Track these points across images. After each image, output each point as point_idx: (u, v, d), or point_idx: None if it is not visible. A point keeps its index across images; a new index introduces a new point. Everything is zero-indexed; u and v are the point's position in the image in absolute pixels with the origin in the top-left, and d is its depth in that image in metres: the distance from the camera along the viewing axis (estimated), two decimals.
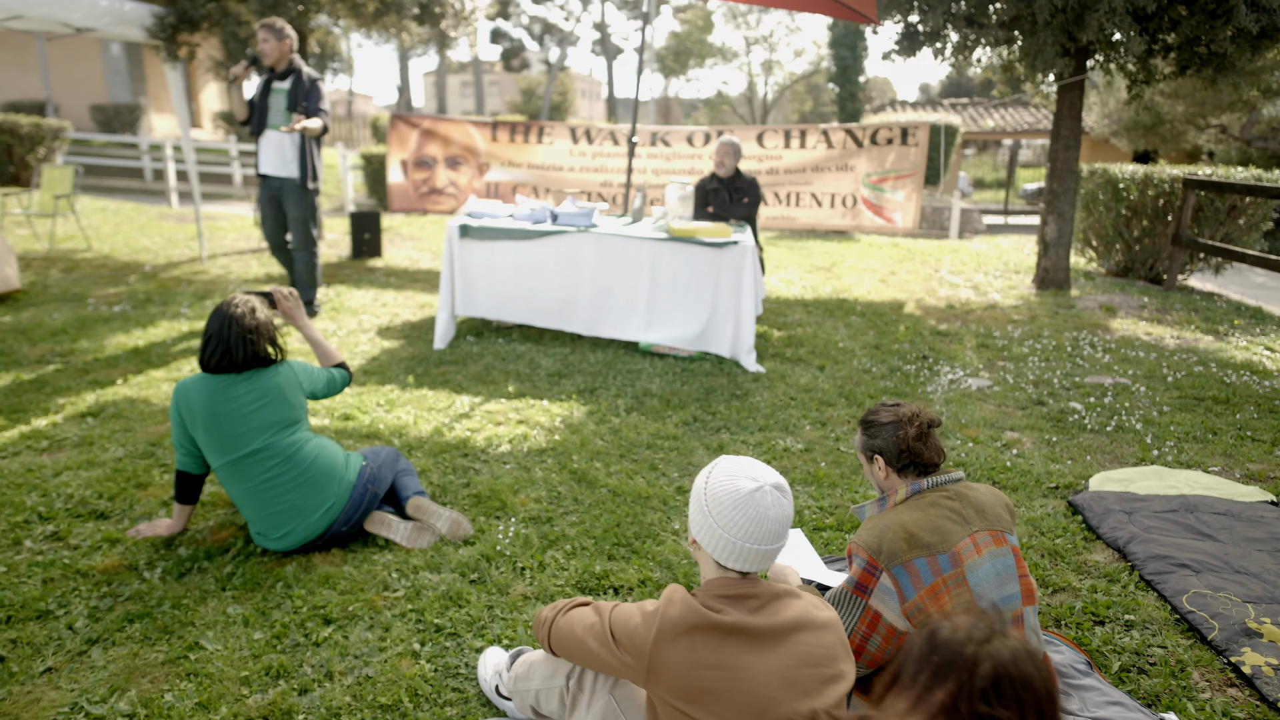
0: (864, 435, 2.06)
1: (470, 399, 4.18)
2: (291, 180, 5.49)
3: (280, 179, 5.50)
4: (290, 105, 5.34)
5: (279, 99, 5.39)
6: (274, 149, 5.45)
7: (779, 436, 3.88)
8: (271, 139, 5.44)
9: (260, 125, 5.42)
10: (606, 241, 5.04)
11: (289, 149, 5.45)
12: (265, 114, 5.41)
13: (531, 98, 47.28)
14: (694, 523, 1.57)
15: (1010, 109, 26.40)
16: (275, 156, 5.46)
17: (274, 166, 5.48)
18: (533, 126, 8.09)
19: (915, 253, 10.04)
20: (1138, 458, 3.80)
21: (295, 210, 5.54)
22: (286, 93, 5.38)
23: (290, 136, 5.39)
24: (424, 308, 6.16)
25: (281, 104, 5.38)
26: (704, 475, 1.59)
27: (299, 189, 5.50)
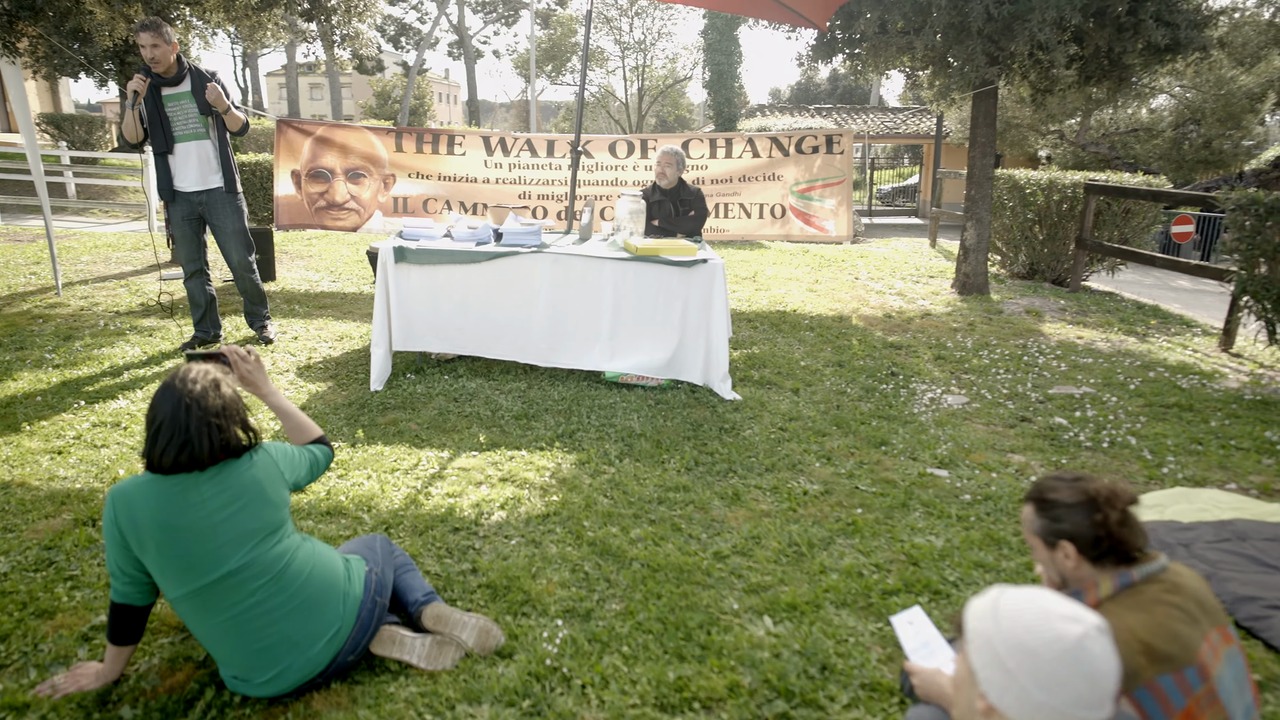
0: (1042, 517, 1.73)
1: (436, 454, 3.60)
2: (218, 191, 4.90)
3: (204, 193, 4.87)
4: (203, 109, 4.74)
5: (182, 105, 4.74)
6: (194, 162, 4.82)
7: (790, 477, 3.54)
8: (189, 152, 4.80)
9: (167, 140, 4.74)
10: (563, 263, 4.55)
11: (211, 158, 4.85)
12: (168, 126, 4.73)
13: (387, 101, 45.41)
14: (990, 682, 1.17)
15: (860, 114, 27.53)
16: (197, 169, 4.83)
17: (196, 180, 4.85)
18: (442, 135, 7.45)
19: (827, 259, 10.05)
20: (1145, 475, 3.73)
21: (232, 222, 4.97)
22: (190, 96, 4.74)
23: (210, 144, 4.79)
24: (343, 340, 5.44)
25: (189, 110, 4.75)
26: (988, 613, 1.20)
27: (229, 198, 4.92)
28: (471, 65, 48.11)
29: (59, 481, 3.20)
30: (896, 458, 3.83)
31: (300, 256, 8.81)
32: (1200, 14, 6.48)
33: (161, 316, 5.86)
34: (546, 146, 7.52)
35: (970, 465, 3.77)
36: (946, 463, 3.80)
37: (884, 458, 3.83)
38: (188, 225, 4.94)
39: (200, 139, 4.82)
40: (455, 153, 7.46)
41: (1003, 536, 3.06)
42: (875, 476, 3.60)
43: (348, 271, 8.10)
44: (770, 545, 2.94)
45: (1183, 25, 6.30)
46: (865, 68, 7.81)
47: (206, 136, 4.82)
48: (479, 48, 51.66)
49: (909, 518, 3.22)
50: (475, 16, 50.41)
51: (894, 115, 28.17)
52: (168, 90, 4.72)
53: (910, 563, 2.87)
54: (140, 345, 5.08)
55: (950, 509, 3.29)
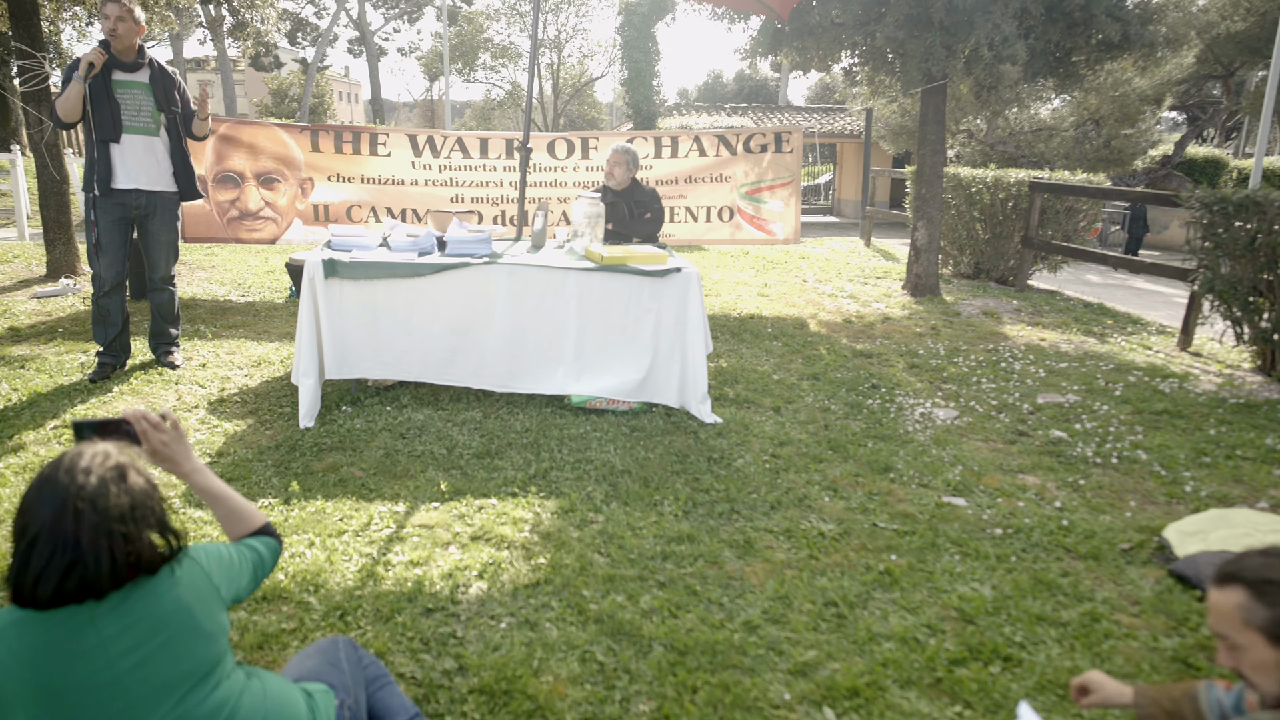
0: (1262, 602, 1.34)
1: (390, 507, 3.03)
2: (167, 195, 4.39)
3: (148, 195, 4.32)
4: (160, 105, 4.27)
5: (136, 95, 4.21)
6: (140, 159, 4.26)
7: (800, 516, 3.14)
8: (136, 146, 4.24)
9: (115, 127, 4.14)
10: (520, 274, 4.03)
11: (161, 157, 4.33)
12: (117, 113, 4.14)
13: (284, 99, 43.36)
14: None
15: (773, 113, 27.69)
16: (146, 167, 4.28)
17: (146, 179, 4.29)
18: (363, 134, 6.78)
19: (771, 261, 9.77)
20: (1166, 494, 3.49)
21: (170, 231, 4.50)
22: (148, 88, 4.24)
23: (161, 142, 4.34)
24: (261, 365, 4.75)
25: (143, 102, 4.23)
26: None
27: (175, 205, 4.45)
28: (374, 63, 46.41)
29: None
30: (907, 485, 3.48)
31: (202, 268, 7.92)
32: (1146, 10, 6.43)
33: (40, 343, 5.03)
34: (480, 145, 6.94)
35: (986, 491, 3.45)
36: (961, 489, 3.46)
37: (893, 486, 3.47)
38: (118, 230, 4.32)
39: (150, 134, 4.31)
40: (379, 153, 6.79)
41: (1050, 579, 2.73)
42: (891, 510, 3.23)
43: (258, 282, 7.30)
44: (803, 607, 2.52)
45: (1132, 21, 6.23)
46: (810, 62, 7.52)
47: (157, 133, 4.33)
48: (381, 45, 49.93)
49: (943, 560, 2.85)
50: (376, 12, 48.72)
51: (806, 115, 28.45)
52: (121, 75, 4.18)
53: (964, 620, 2.49)
54: (9, 380, 4.28)
55: (984, 546, 2.94)
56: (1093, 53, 6.37)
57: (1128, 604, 2.62)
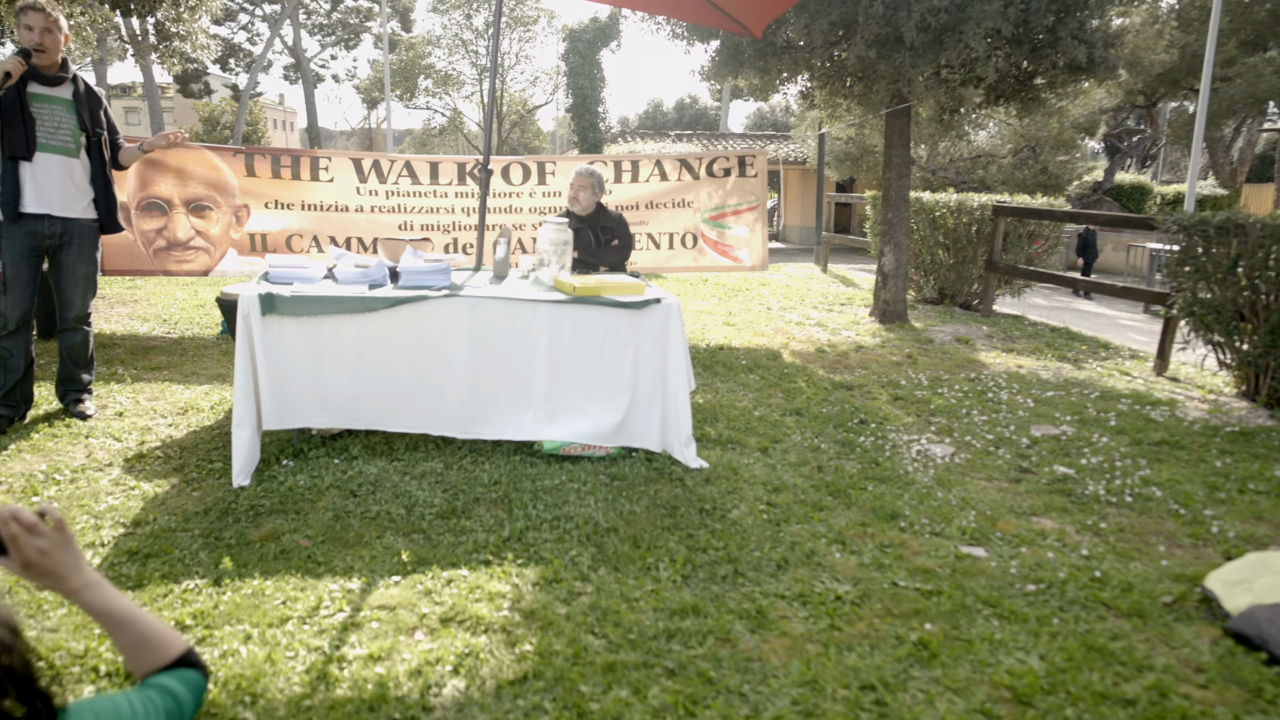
0: None
1: (342, 585, 2.59)
2: (84, 223, 3.93)
3: (63, 222, 3.83)
4: (83, 125, 3.83)
5: (56, 111, 3.77)
6: (55, 181, 3.78)
7: (811, 576, 2.79)
8: (51, 166, 3.76)
9: (29, 144, 3.67)
10: (484, 308, 3.63)
11: (82, 182, 3.86)
12: (32, 128, 3.67)
13: (215, 126, 42.18)
14: None
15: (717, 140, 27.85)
16: (62, 190, 3.80)
17: (60, 204, 3.80)
18: (303, 158, 6.31)
19: (732, 288, 9.52)
20: (1191, 536, 3.25)
21: (88, 265, 4.01)
22: (70, 105, 3.84)
23: (80, 164, 3.87)
24: (188, 413, 4.23)
25: (64, 119, 3.79)
26: None
27: (94, 235, 4.01)
28: (310, 90, 45.49)
29: None
30: (919, 535, 3.17)
31: (122, 302, 7.28)
32: (1108, 34, 6.41)
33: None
34: (430, 170, 6.53)
35: (1005, 539, 3.16)
36: (977, 537, 3.17)
37: (905, 536, 3.15)
38: (27, 262, 3.79)
39: (69, 155, 3.85)
40: (321, 178, 6.33)
41: (1101, 645, 2.43)
42: (908, 565, 2.91)
43: (185, 317, 6.71)
44: (837, 693, 2.16)
45: (1097, 44, 6.18)
46: (772, 83, 7.33)
47: (76, 155, 3.88)
48: (318, 71, 49.03)
49: (978, 625, 2.53)
50: (312, 39, 47.89)
51: (751, 140, 28.66)
52: (39, 88, 3.76)
53: (1019, 702, 2.17)
54: None
55: (1019, 606, 2.64)
56: (1058, 75, 6.30)
57: (1191, 672, 2.33)
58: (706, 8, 4.81)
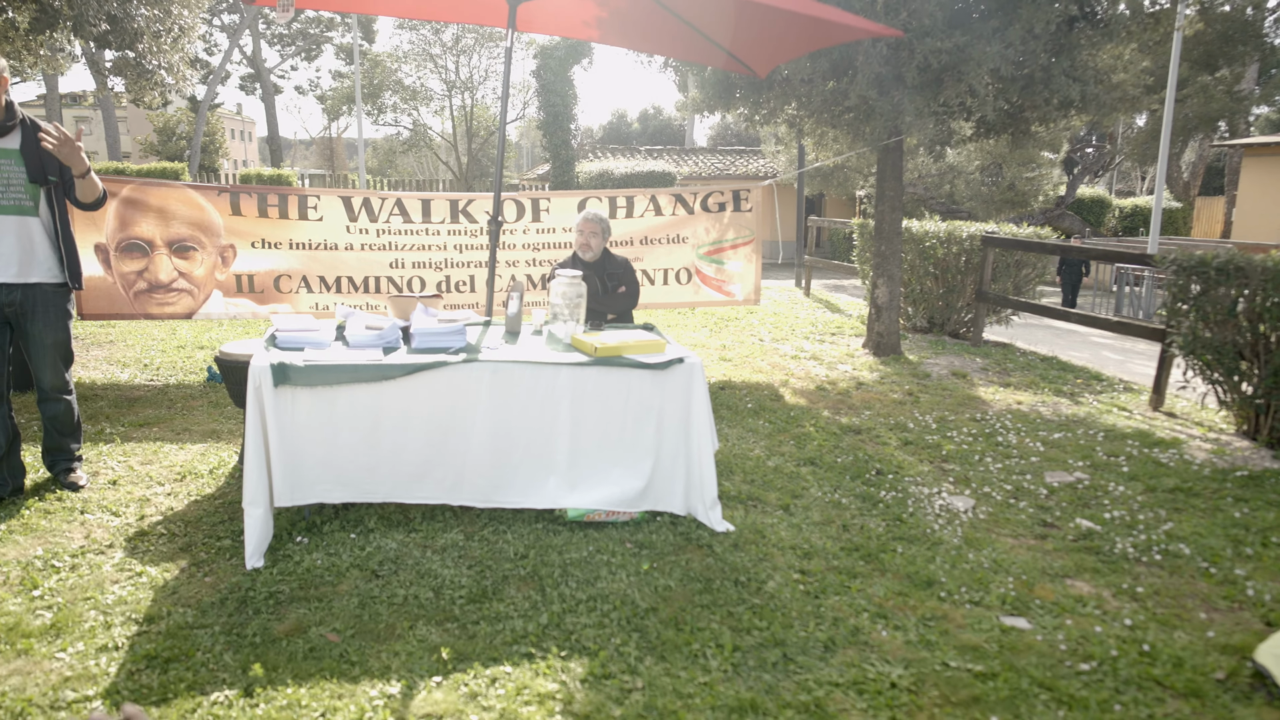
0: None
1: (382, 689, 2.45)
2: (47, 288, 3.55)
3: (23, 287, 3.50)
4: (34, 177, 3.42)
5: (4, 166, 3.41)
6: (12, 244, 3.45)
7: (864, 659, 2.72)
8: (6, 230, 3.44)
9: None
10: (505, 373, 3.51)
11: (39, 242, 3.50)
12: None
13: (171, 137, 41.31)
14: None
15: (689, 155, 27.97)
16: (17, 254, 3.46)
17: (15, 270, 3.47)
18: (290, 196, 6.13)
19: (722, 319, 9.47)
20: (1226, 599, 3.24)
21: (56, 332, 3.62)
22: (18, 155, 3.41)
23: (39, 222, 3.52)
24: (185, 479, 4.03)
25: (13, 175, 3.42)
26: None
27: (60, 299, 3.59)
28: (271, 101, 44.83)
29: None
30: (960, 606, 3.12)
31: (98, 344, 7.00)
32: (1100, 71, 6.49)
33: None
34: (421, 208, 6.39)
35: (1045, 608, 3.12)
36: (1018, 607, 3.12)
37: (946, 607, 3.10)
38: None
39: (24, 214, 3.48)
40: (310, 216, 6.16)
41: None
42: (955, 642, 2.85)
43: (167, 361, 6.46)
44: None
45: (1089, 81, 6.25)
46: (763, 116, 7.31)
47: (33, 213, 3.51)
48: (277, 83, 48.33)
49: (1039, 711, 2.48)
50: (272, 50, 47.22)
51: (721, 156, 28.75)
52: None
53: None
54: None
55: (1076, 690, 2.59)
56: (1051, 112, 6.36)
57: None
58: (714, 50, 4.76)
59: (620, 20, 4.67)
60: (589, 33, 4.83)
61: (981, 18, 5.58)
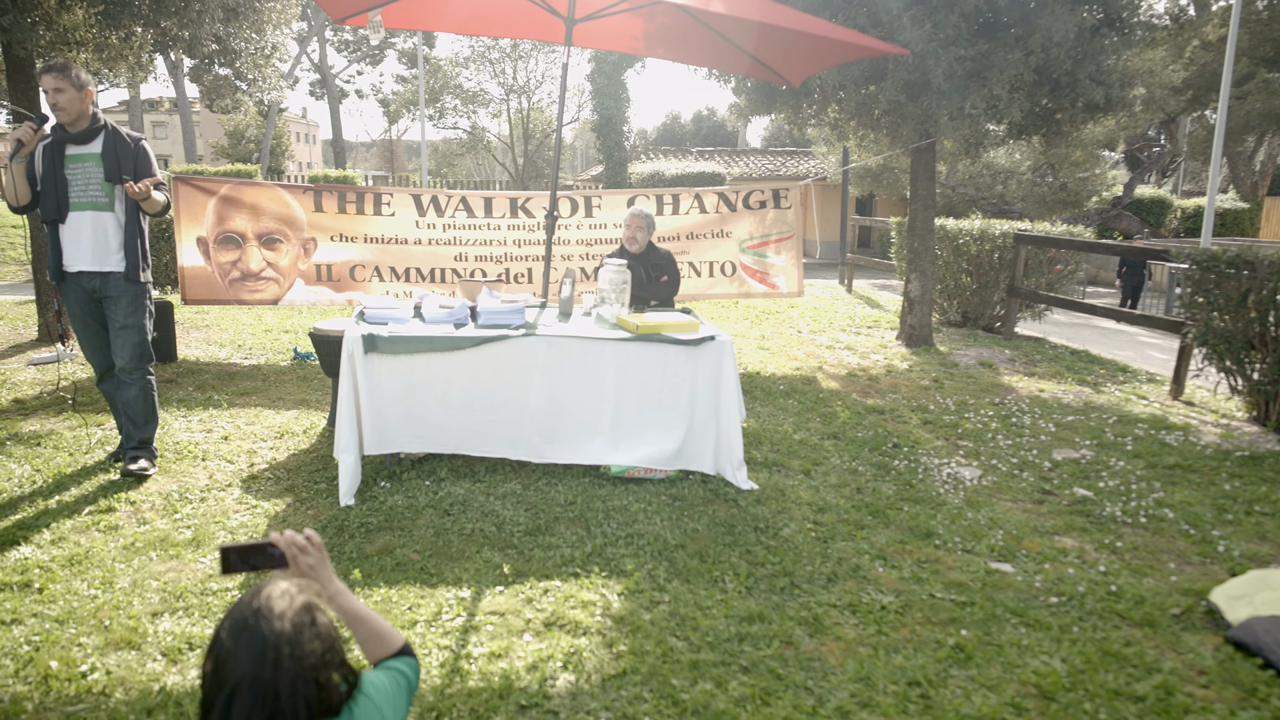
0: None
1: (455, 594, 3.00)
2: (117, 275, 3.91)
3: (101, 275, 3.89)
4: (111, 176, 3.81)
5: (86, 168, 3.81)
6: (89, 237, 3.85)
7: (861, 589, 3.18)
8: (84, 224, 3.83)
9: (60, 207, 3.78)
10: (557, 346, 4.05)
11: (112, 234, 3.89)
12: (64, 190, 3.77)
13: (241, 140, 43.22)
14: None
15: (740, 157, 28.30)
16: (93, 245, 3.86)
17: (92, 259, 3.86)
18: (367, 194, 6.78)
19: (762, 312, 9.91)
20: (1200, 554, 3.60)
21: (128, 316, 3.94)
22: (98, 158, 3.81)
23: (114, 217, 3.87)
24: (284, 437, 4.68)
25: (93, 175, 3.82)
26: None
27: (130, 286, 3.94)
28: (335, 105, 46.54)
29: None
30: (953, 552, 3.54)
31: (196, 327, 7.79)
32: (1125, 75, 6.76)
33: (50, 416, 4.90)
34: (484, 204, 6.99)
35: (1030, 556, 3.53)
36: (1005, 554, 3.54)
37: (940, 553, 3.53)
38: (88, 316, 3.98)
39: (100, 210, 3.89)
40: (383, 213, 6.80)
41: (1116, 650, 2.80)
42: (944, 579, 3.29)
43: (258, 343, 7.20)
44: (888, 689, 2.54)
45: (1114, 85, 6.54)
46: (805, 120, 7.74)
47: (109, 208, 3.91)
48: (342, 87, 50.13)
49: (1007, 632, 2.91)
50: (339, 56, 48.97)
51: (772, 158, 29.06)
52: (74, 149, 3.82)
53: (1044, 697, 2.54)
54: (28, 461, 4.15)
55: (1043, 616, 3.01)
56: (1077, 114, 6.66)
57: (1195, 674, 2.70)
58: (749, 62, 5.22)
59: (665, 35, 5.18)
60: (636, 46, 5.34)
61: (1004, 26, 5.94)
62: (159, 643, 2.63)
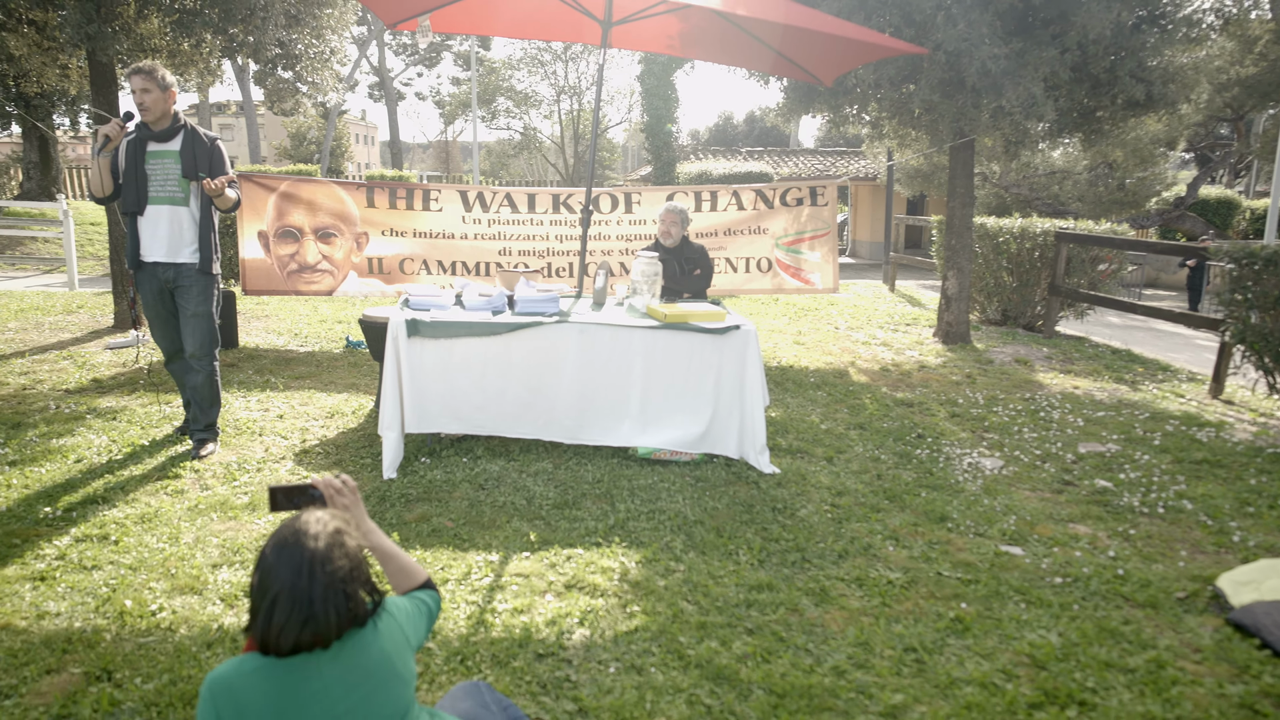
0: None
1: (485, 557, 3.24)
2: (190, 267, 4.20)
3: (174, 266, 4.18)
4: (187, 172, 4.10)
5: (165, 164, 4.11)
6: (165, 229, 4.14)
7: (867, 564, 3.32)
8: (160, 217, 4.13)
9: (139, 200, 4.09)
10: (589, 333, 4.27)
11: (186, 228, 4.18)
12: (144, 184, 4.08)
13: (302, 142, 44.60)
14: None
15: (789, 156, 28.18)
16: (169, 237, 4.15)
17: (166, 250, 4.16)
18: (416, 189, 7.10)
19: (802, 308, 10.01)
20: (1215, 543, 3.65)
21: (198, 305, 4.22)
22: (177, 156, 4.11)
23: (188, 212, 4.16)
24: (335, 417, 4.99)
25: (171, 170, 4.11)
26: None
27: (202, 277, 4.23)
28: (393, 107, 47.68)
29: (51, 620, 2.71)
30: (964, 535, 3.65)
31: (256, 317, 8.23)
32: (1167, 70, 6.71)
33: (125, 394, 5.30)
34: (528, 201, 7.25)
35: (1041, 540, 3.62)
36: (1016, 539, 3.64)
37: (951, 535, 3.65)
38: (160, 304, 4.28)
39: (176, 204, 4.16)
40: (431, 208, 7.11)
41: (1114, 627, 2.89)
42: (952, 559, 3.41)
43: (313, 332, 7.59)
44: (885, 653, 2.69)
45: (1155, 81, 6.50)
46: (844, 119, 7.83)
47: (185, 203, 4.18)
48: (400, 89, 51.36)
49: (1009, 608, 3.02)
50: (397, 59, 50.16)
51: (821, 157, 28.95)
52: (155, 145, 4.09)
53: (1036, 666, 2.66)
54: (104, 433, 4.53)
55: (1045, 595, 3.11)
56: (1118, 111, 6.63)
57: (1190, 651, 2.78)
58: (780, 61, 5.37)
59: (699, 37, 5.35)
60: (672, 47, 5.52)
61: (1040, 24, 5.96)
62: (218, 589, 2.92)
